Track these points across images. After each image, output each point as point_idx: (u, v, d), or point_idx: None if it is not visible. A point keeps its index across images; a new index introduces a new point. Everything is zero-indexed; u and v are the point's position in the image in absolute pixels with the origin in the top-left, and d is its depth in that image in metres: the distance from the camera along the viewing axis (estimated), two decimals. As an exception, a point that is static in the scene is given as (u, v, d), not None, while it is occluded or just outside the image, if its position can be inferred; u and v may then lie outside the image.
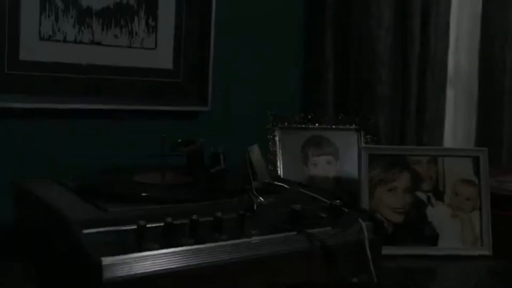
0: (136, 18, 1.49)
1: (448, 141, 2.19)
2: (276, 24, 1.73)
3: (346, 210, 1.07)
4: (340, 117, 1.61)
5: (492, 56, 2.19)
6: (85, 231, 0.86)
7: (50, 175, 1.20)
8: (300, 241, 0.98)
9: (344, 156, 1.55)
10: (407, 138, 1.81)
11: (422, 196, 1.41)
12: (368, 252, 1.01)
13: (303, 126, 1.55)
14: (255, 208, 1.01)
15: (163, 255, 0.84)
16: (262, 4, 1.69)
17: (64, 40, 1.41)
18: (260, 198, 1.04)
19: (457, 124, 2.27)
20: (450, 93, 2.18)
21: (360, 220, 1.04)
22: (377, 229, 1.06)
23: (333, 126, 1.58)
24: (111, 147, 1.44)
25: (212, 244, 0.89)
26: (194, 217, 0.91)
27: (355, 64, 1.76)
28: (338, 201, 1.08)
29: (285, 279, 0.94)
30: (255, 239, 0.94)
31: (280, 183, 1.17)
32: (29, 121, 1.37)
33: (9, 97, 1.33)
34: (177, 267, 0.85)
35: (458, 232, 1.41)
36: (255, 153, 1.13)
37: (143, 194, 1.04)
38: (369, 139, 1.58)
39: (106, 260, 0.79)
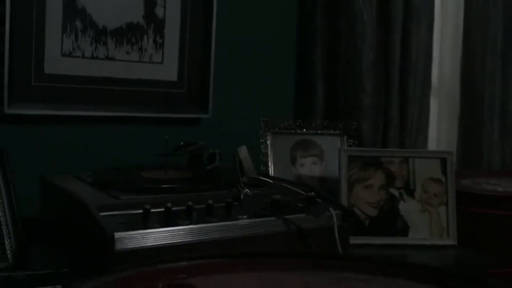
0: (145, 36, 1.70)
1: (433, 145, 2.38)
2: (271, 42, 1.93)
3: (319, 200, 1.26)
4: (325, 123, 1.80)
5: (473, 68, 2.38)
6: (102, 213, 1.06)
7: (71, 171, 1.41)
8: (278, 225, 1.18)
9: (329, 157, 1.75)
10: (389, 143, 1.99)
11: (395, 192, 1.61)
12: (337, 235, 1.21)
13: (292, 131, 1.75)
14: (241, 197, 1.21)
15: (163, 232, 1.05)
16: (258, 25, 1.89)
17: (83, 56, 1.62)
18: (247, 190, 1.24)
19: (440, 129, 2.45)
20: (434, 101, 2.38)
21: (330, 209, 1.24)
22: (345, 217, 1.25)
23: (319, 131, 1.78)
24: (123, 148, 1.65)
25: (204, 225, 1.09)
26: (190, 203, 1.11)
27: (342, 76, 1.95)
28: (313, 193, 1.27)
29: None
30: (240, 222, 1.14)
31: (264, 178, 1.37)
32: (52, 126, 1.57)
33: (36, 105, 1.54)
34: (174, 243, 1.05)
35: (427, 224, 1.60)
36: (243, 152, 1.33)
37: (147, 186, 1.24)
38: (351, 143, 1.78)
39: (118, 235, 1.00)
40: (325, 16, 1.95)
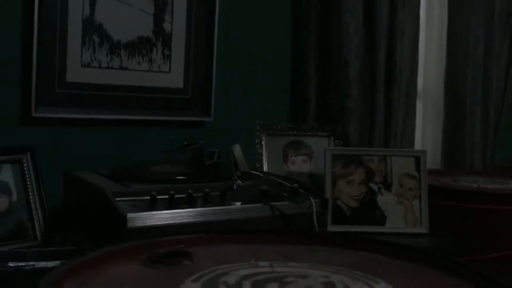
0: (154, 48, 1.93)
1: (418, 147, 2.59)
2: (268, 53, 2.15)
3: (302, 191, 1.48)
4: (315, 126, 2.02)
5: (456, 77, 2.59)
6: (117, 199, 1.29)
7: (91, 167, 1.63)
8: (265, 210, 1.39)
9: (317, 156, 1.96)
10: (374, 144, 2.20)
11: (374, 186, 1.82)
12: (315, 220, 1.42)
13: (284, 132, 1.97)
14: (234, 187, 1.43)
15: (166, 214, 1.27)
16: (256, 38, 2.11)
17: (99, 66, 1.85)
18: (239, 181, 1.46)
19: (426, 132, 2.66)
20: (419, 106, 2.59)
21: (310, 198, 1.45)
22: (323, 204, 1.47)
23: (309, 133, 1.99)
24: (135, 147, 1.87)
25: (201, 209, 1.32)
26: (190, 191, 1.33)
27: (331, 83, 2.17)
28: (296, 185, 1.49)
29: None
30: (233, 207, 1.36)
31: (255, 172, 1.58)
32: (74, 128, 1.80)
33: (59, 109, 1.76)
34: (175, 223, 1.27)
35: (402, 215, 1.81)
36: (237, 150, 1.55)
37: (154, 177, 1.47)
38: (337, 143, 1.99)
39: (130, 215, 1.22)
40: (317, 30, 2.17)
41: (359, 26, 2.15)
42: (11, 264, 1.26)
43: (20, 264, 1.26)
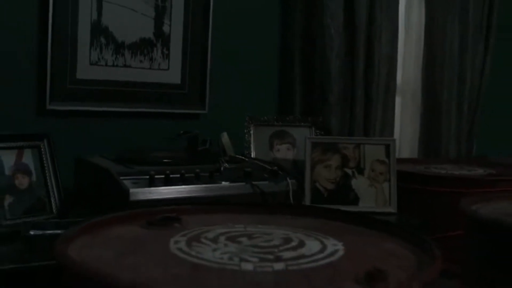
0: (155, 48, 2.16)
1: (397, 137, 2.81)
2: (258, 52, 2.38)
3: (281, 173, 1.71)
4: (297, 118, 2.25)
5: (433, 73, 2.82)
6: (121, 177, 1.52)
7: (98, 153, 1.87)
8: (248, 189, 1.63)
9: (300, 145, 2.19)
10: (354, 134, 2.43)
11: (348, 171, 2.05)
12: (291, 197, 1.66)
13: (270, 123, 2.20)
14: (222, 169, 1.66)
15: (162, 190, 1.51)
16: (247, 38, 2.35)
17: (106, 65, 2.08)
18: (226, 164, 1.69)
19: (405, 124, 2.89)
20: (398, 100, 2.81)
21: (287, 178, 1.69)
22: (298, 184, 1.70)
23: (292, 124, 2.22)
24: (137, 136, 2.11)
25: (192, 186, 1.55)
26: (183, 171, 1.57)
27: (314, 79, 2.40)
28: (276, 167, 1.72)
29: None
30: (219, 185, 1.59)
31: (240, 156, 1.82)
32: (83, 119, 2.04)
33: (70, 103, 2.00)
34: (170, 197, 1.51)
35: (373, 196, 2.04)
36: (225, 137, 1.79)
37: (153, 160, 1.71)
38: (318, 133, 2.22)
39: (132, 190, 1.46)
40: (302, 31, 2.40)
41: (340, 28, 2.38)
42: (32, 232, 1.50)
43: (40, 232, 1.50)
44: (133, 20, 2.11)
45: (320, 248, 1.06)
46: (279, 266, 0.94)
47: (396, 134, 2.79)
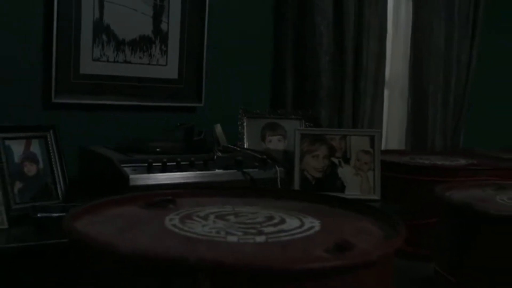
0: (153, 45, 2.29)
1: (385, 129, 2.95)
2: (251, 49, 2.51)
3: (270, 161, 1.85)
4: (288, 111, 2.38)
5: (420, 68, 2.94)
6: (122, 165, 1.66)
7: (100, 143, 2.00)
8: (239, 176, 1.76)
9: (291, 136, 2.32)
10: (343, 126, 2.56)
11: (335, 160, 2.18)
12: (279, 184, 1.79)
13: (262, 116, 2.33)
14: (215, 158, 1.79)
15: (160, 176, 1.64)
16: (241, 35, 2.47)
17: (107, 61, 2.21)
18: (219, 153, 1.82)
19: (393, 118, 3.02)
20: (386, 94, 2.94)
21: (276, 166, 1.82)
22: (286, 172, 1.83)
23: (284, 117, 2.36)
24: (137, 127, 2.23)
25: (188, 173, 1.69)
26: (178, 159, 1.70)
27: (305, 74, 2.53)
28: (265, 156, 1.86)
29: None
30: (212, 172, 1.73)
31: (232, 146, 1.95)
32: (86, 111, 2.17)
33: (74, 96, 2.13)
34: (167, 183, 1.64)
35: (358, 184, 2.17)
36: (218, 129, 1.92)
37: (151, 150, 1.84)
38: (307, 125, 2.35)
39: (131, 176, 1.59)
40: (294, 29, 2.53)
41: (329, 26, 2.51)
42: (39, 215, 1.63)
43: (47, 214, 1.63)
44: (133, 19, 2.23)
45: (298, 224, 1.19)
46: (260, 238, 1.08)
47: (385, 127, 2.92)
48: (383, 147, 2.92)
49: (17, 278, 1.48)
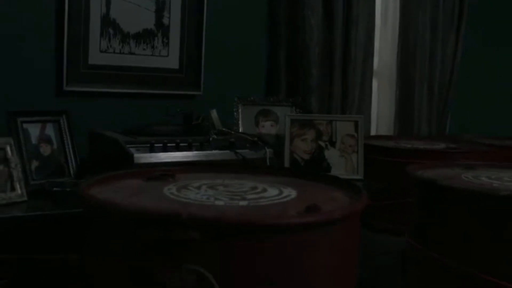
0: (156, 38, 2.49)
1: (375, 117, 3.14)
2: (247, 41, 2.71)
3: (260, 143, 2.05)
4: (280, 98, 2.59)
5: (407, 58, 3.13)
6: (127, 145, 1.87)
7: (108, 126, 2.20)
8: (232, 156, 1.97)
9: (282, 121, 2.52)
10: (332, 113, 2.76)
11: (322, 144, 2.38)
12: (268, 163, 1.99)
13: (256, 103, 2.53)
14: (210, 140, 2.00)
15: (161, 155, 1.85)
16: (237, 28, 2.67)
17: (114, 52, 2.41)
18: (214, 136, 2.03)
19: (382, 105, 3.21)
20: (376, 83, 3.14)
21: (265, 147, 2.02)
22: (275, 152, 2.04)
23: (275, 104, 2.56)
24: (140, 113, 2.44)
25: (186, 153, 1.89)
26: (178, 141, 1.91)
27: (297, 65, 2.73)
28: (256, 139, 2.06)
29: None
30: (208, 152, 1.93)
31: (226, 130, 2.16)
32: (95, 98, 2.38)
33: (84, 84, 2.34)
34: (167, 161, 1.84)
35: (343, 165, 2.37)
36: (214, 114, 2.12)
37: (154, 132, 2.05)
38: (297, 111, 2.55)
39: (136, 155, 1.80)
40: (286, 22, 2.72)
41: (319, 19, 2.70)
42: (54, 189, 1.85)
43: (61, 189, 1.85)
44: (137, 14, 2.44)
45: (278, 193, 1.40)
46: (243, 203, 1.28)
47: (375, 114, 3.12)
48: (373, 133, 3.13)
49: (35, 242, 1.69)
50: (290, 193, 1.41)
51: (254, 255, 1.12)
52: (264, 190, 1.41)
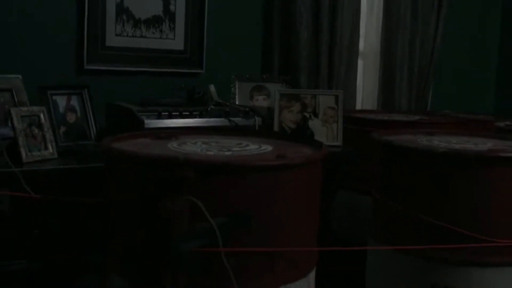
0: (163, 23, 2.86)
1: (360, 93, 3.50)
2: (245, 26, 3.07)
3: (251, 113, 2.43)
4: (272, 76, 2.96)
5: (390, 39, 3.48)
6: (139, 113, 2.25)
7: (123, 100, 2.58)
8: (226, 123, 2.35)
9: (273, 96, 2.89)
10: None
11: (307, 115, 2.75)
12: (257, 128, 2.37)
13: (251, 80, 2.91)
14: (209, 110, 2.38)
15: (166, 121, 2.23)
16: (236, 14, 3.03)
17: (127, 36, 2.79)
18: (212, 106, 2.41)
19: (366, 83, 3.57)
20: (361, 63, 3.49)
21: (255, 116, 2.40)
22: (263, 121, 2.41)
23: (268, 81, 2.93)
24: (152, 89, 2.81)
25: (187, 120, 2.27)
26: (181, 110, 2.29)
27: (288, 47, 3.09)
28: (247, 109, 2.43)
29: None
30: (206, 119, 2.31)
31: (222, 101, 2.53)
32: (112, 76, 2.76)
33: (102, 64, 2.72)
34: (172, 127, 2.22)
35: (325, 133, 2.74)
36: (212, 88, 2.50)
37: (161, 103, 2.43)
38: (288, 87, 2.92)
39: (146, 121, 2.18)
40: (279, 10, 3.08)
41: (307, 6, 3.06)
42: (79, 149, 2.24)
43: (85, 150, 2.24)
44: (147, 2, 2.81)
45: (257, 147, 1.77)
46: (229, 153, 1.66)
47: (361, 91, 3.48)
48: (359, 108, 3.49)
49: (63, 190, 2.08)
50: (267, 147, 1.78)
51: (236, 189, 1.49)
52: (247, 145, 1.79)
